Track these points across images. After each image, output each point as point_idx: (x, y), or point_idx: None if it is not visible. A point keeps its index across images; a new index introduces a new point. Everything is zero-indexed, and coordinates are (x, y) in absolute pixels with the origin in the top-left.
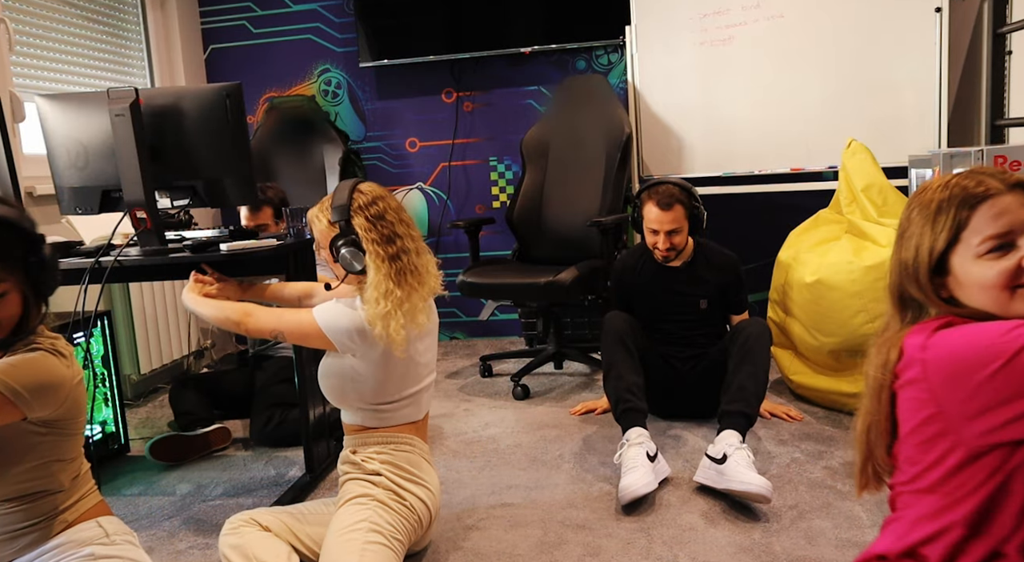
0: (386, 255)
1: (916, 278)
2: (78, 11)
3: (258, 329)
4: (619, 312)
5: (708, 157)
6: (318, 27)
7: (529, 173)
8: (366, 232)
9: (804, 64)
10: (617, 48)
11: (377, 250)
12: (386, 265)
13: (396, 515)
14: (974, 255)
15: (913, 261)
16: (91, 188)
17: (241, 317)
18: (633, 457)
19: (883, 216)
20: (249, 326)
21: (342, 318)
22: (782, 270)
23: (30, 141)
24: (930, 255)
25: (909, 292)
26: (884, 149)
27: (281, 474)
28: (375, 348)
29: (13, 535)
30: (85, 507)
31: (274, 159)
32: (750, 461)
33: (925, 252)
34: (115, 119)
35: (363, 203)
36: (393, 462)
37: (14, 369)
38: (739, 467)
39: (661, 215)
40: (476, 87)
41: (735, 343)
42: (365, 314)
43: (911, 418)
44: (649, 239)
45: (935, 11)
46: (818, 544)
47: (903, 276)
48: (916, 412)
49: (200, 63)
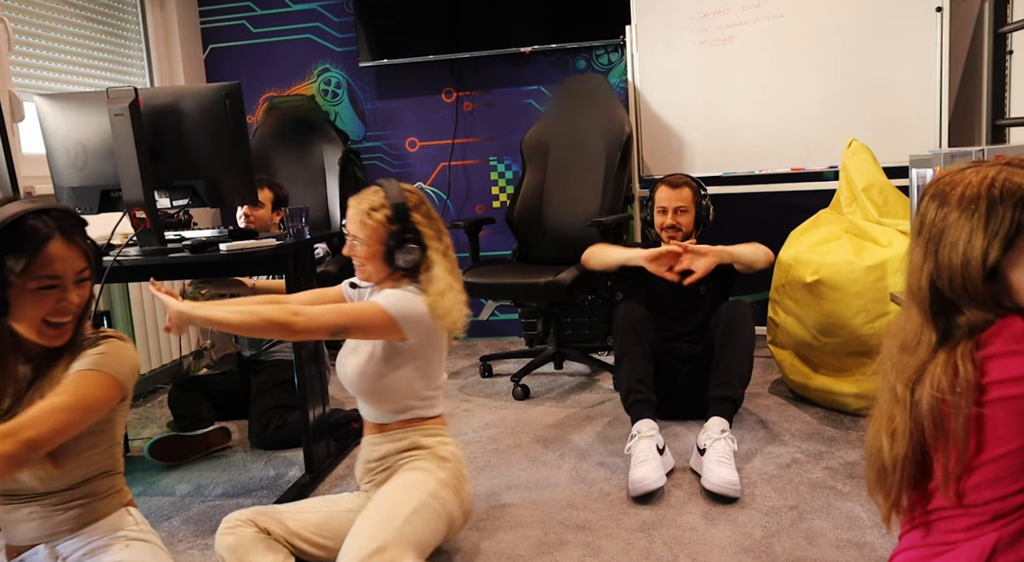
0: (443, 250)
1: (965, 286)
2: (77, 11)
3: (314, 328)
4: (632, 303)
5: (708, 157)
6: (318, 27)
7: (529, 173)
8: (425, 229)
9: (804, 64)
10: (617, 48)
11: (436, 245)
12: (444, 259)
13: (452, 501)
14: None
15: (962, 267)
16: (90, 188)
17: (288, 317)
18: (644, 450)
19: (884, 216)
20: (299, 327)
21: (416, 305)
22: (782, 270)
23: (29, 141)
24: (984, 263)
25: (956, 300)
26: (885, 149)
27: (281, 474)
28: (439, 334)
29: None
30: (126, 492)
31: (274, 159)
32: (728, 452)
33: (978, 258)
34: (114, 119)
35: (415, 202)
36: (459, 455)
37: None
38: (711, 462)
39: (670, 193)
40: (476, 87)
41: (717, 329)
42: (433, 305)
43: (1018, 435)
44: (657, 220)
45: (936, 10)
46: (819, 545)
47: (947, 283)
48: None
49: (200, 63)
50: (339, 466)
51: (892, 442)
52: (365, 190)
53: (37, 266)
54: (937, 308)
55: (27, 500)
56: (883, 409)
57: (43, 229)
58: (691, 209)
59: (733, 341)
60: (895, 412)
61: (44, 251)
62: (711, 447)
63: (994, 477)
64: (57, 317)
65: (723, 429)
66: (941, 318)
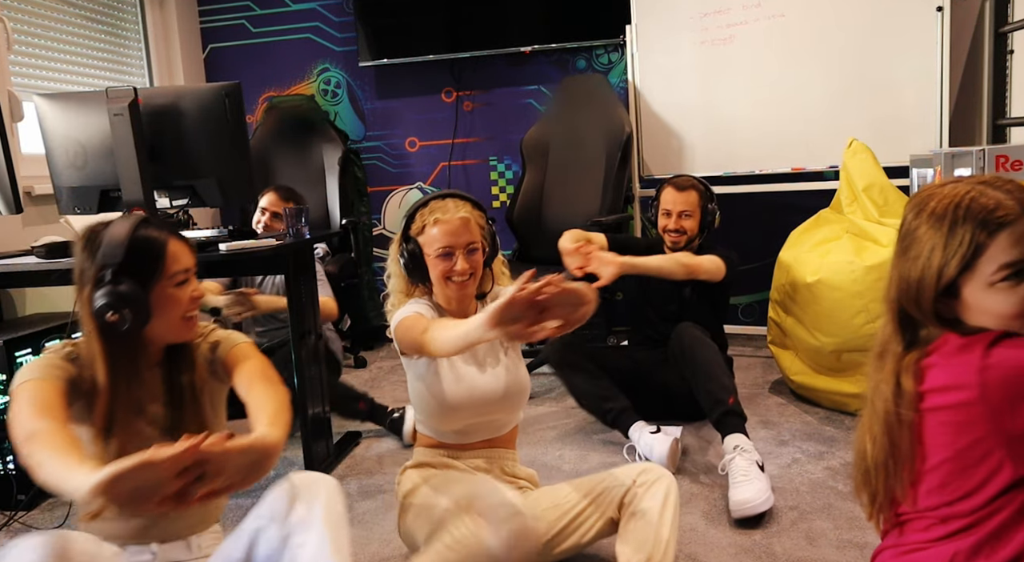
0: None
1: (918, 300)
2: (77, 10)
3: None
4: (554, 348)
5: (709, 157)
6: (317, 26)
7: (529, 173)
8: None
9: (805, 63)
10: (617, 47)
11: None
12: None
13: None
14: (987, 283)
15: (918, 282)
16: (90, 188)
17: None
18: (745, 468)
19: (884, 216)
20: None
21: None
22: (783, 270)
23: (29, 141)
24: (939, 280)
25: (907, 311)
26: (885, 149)
27: (280, 475)
28: None
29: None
30: None
31: (273, 159)
32: (746, 468)
33: (933, 276)
34: (114, 119)
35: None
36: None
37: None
38: (729, 488)
39: (676, 196)
40: (476, 86)
41: (679, 360)
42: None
43: (950, 443)
44: (661, 222)
45: (936, 10)
46: (819, 545)
47: (903, 294)
48: (958, 436)
49: (199, 62)
50: (339, 466)
51: (873, 445)
52: (441, 197)
53: (169, 266)
54: (903, 319)
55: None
56: (866, 412)
57: (159, 234)
58: (696, 213)
59: (698, 364)
60: (871, 417)
61: (169, 251)
62: (728, 470)
63: (939, 484)
64: (193, 310)
65: (736, 445)
66: (908, 329)
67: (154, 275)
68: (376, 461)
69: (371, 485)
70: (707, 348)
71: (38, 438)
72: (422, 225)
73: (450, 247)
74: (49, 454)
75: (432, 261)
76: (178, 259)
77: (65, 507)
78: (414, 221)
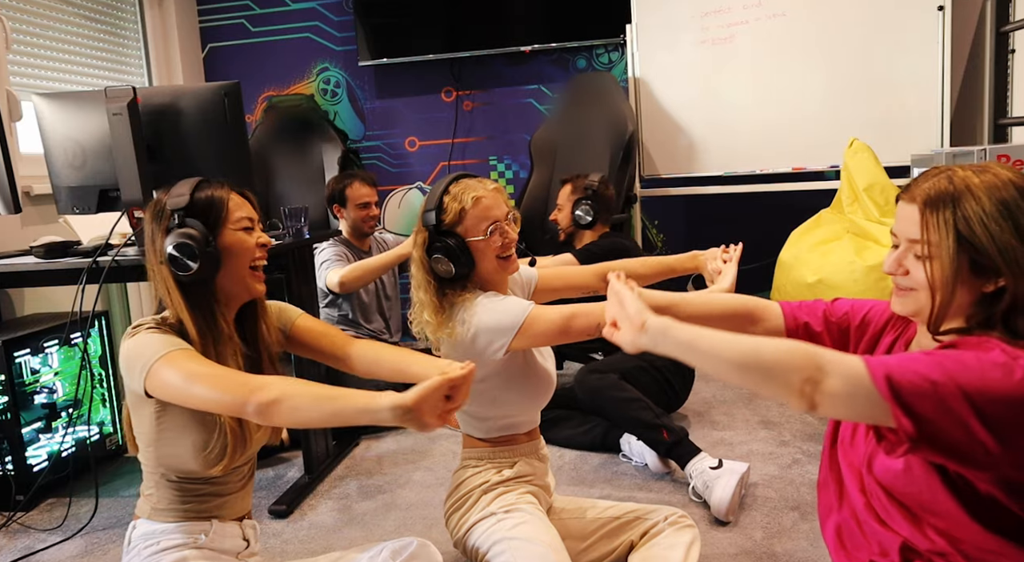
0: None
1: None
2: (76, 9)
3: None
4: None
5: (709, 156)
6: (317, 26)
7: (536, 173)
8: None
9: (805, 63)
10: (618, 47)
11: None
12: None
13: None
14: None
15: None
16: (88, 187)
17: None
18: (705, 481)
19: (885, 216)
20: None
21: None
22: (783, 270)
23: (27, 140)
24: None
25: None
26: (886, 148)
27: (280, 475)
28: None
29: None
30: None
31: (273, 158)
32: (706, 480)
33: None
34: (112, 118)
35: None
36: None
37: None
38: (706, 499)
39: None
40: (476, 86)
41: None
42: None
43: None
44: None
45: (938, 9)
46: (820, 546)
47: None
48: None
49: (198, 62)
50: (339, 467)
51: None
52: (454, 180)
53: (232, 213)
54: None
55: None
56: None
57: (219, 188)
58: (566, 207)
59: (614, 416)
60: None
61: (231, 202)
62: (698, 491)
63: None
64: (260, 259)
65: (691, 472)
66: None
67: (219, 220)
68: (376, 461)
69: (371, 485)
70: (605, 400)
71: (275, 386)
72: (458, 211)
73: (498, 219)
74: (316, 392)
75: (485, 243)
76: (241, 206)
77: (64, 507)
78: (444, 213)
